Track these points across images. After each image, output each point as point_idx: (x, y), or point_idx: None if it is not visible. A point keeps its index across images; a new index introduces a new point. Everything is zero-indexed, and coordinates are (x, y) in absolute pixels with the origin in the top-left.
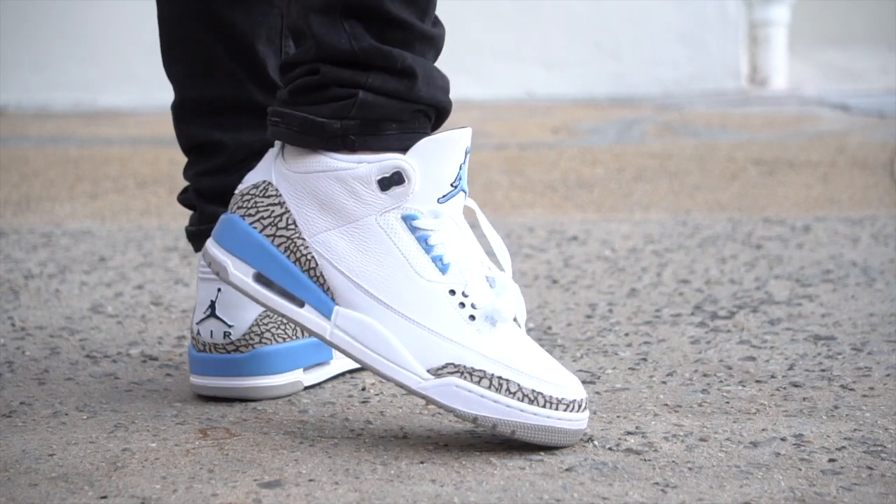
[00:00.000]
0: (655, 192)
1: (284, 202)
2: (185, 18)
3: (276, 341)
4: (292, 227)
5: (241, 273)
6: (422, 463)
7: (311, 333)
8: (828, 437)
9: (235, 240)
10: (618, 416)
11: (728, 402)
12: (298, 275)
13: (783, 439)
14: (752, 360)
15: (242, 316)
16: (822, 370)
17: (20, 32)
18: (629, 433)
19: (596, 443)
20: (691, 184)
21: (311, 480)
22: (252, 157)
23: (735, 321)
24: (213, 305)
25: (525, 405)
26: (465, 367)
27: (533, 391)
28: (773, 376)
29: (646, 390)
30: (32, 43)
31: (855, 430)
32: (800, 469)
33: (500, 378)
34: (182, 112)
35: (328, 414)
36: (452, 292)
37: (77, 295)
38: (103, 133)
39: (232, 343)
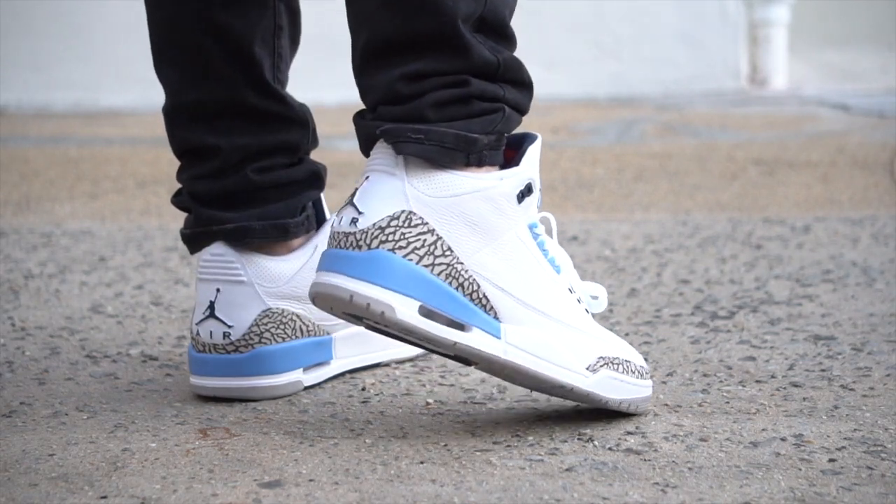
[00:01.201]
0: (655, 192)
1: (434, 229)
2: (178, 22)
3: (276, 341)
4: (449, 252)
5: (407, 309)
6: (422, 463)
7: (481, 357)
8: (828, 437)
9: (394, 276)
10: (618, 416)
11: (728, 402)
12: (462, 300)
13: (783, 439)
14: (752, 360)
15: (242, 316)
16: (822, 370)
17: (20, 32)
18: (629, 433)
19: (596, 443)
20: (691, 184)
21: (311, 480)
22: (247, 161)
23: (735, 321)
24: (212, 306)
25: (639, 380)
26: (608, 357)
27: (641, 367)
28: (773, 376)
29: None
30: (32, 43)
31: (855, 430)
32: (800, 469)
33: (626, 361)
34: (175, 116)
35: (328, 414)
36: (570, 290)
37: (77, 295)
38: (103, 133)
39: (231, 343)
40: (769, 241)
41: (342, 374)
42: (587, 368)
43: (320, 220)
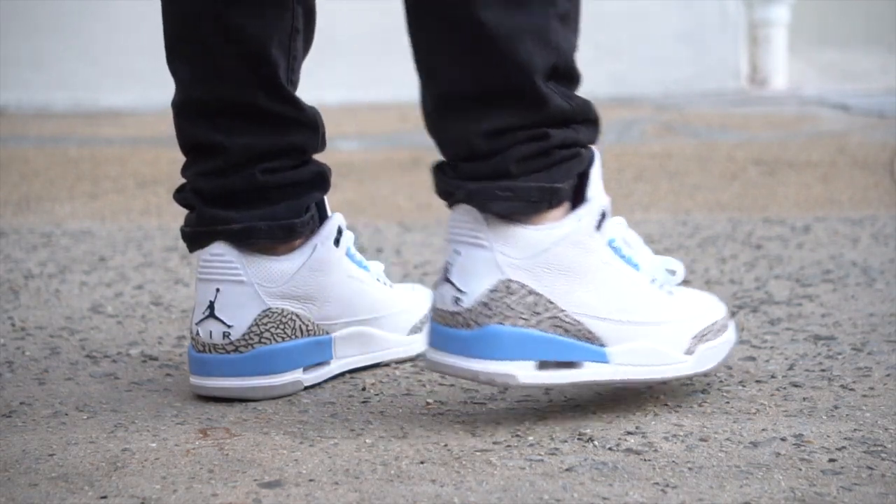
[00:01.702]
0: (655, 192)
1: (532, 289)
2: (191, 19)
3: (276, 341)
4: (550, 305)
5: (527, 372)
6: (422, 463)
7: (596, 384)
8: (828, 437)
9: (508, 347)
10: (618, 416)
11: (728, 402)
12: (570, 342)
13: (783, 439)
14: (752, 360)
15: (241, 316)
16: (822, 370)
17: (20, 32)
18: (629, 433)
19: (596, 443)
20: (691, 184)
21: (311, 480)
22: (254, 161)
23: (735, 321)
24: (211, 306)
25: (725, 335)
26: (699, 333)
27: (723, 319)
28: (773, 376)
29: (646, 390)
30: (32, 43)
31: (855, 430)
32: (800, 469)
33: (711, 324)
34: (183, 111)
35: (328, 414)
36: (653, 280)
37: (77, 295)
38: (103, 133)
39: (231, 343)
40: (769, 241)
41: (342, 374)
42: (685, 353)
43: (322, 220)
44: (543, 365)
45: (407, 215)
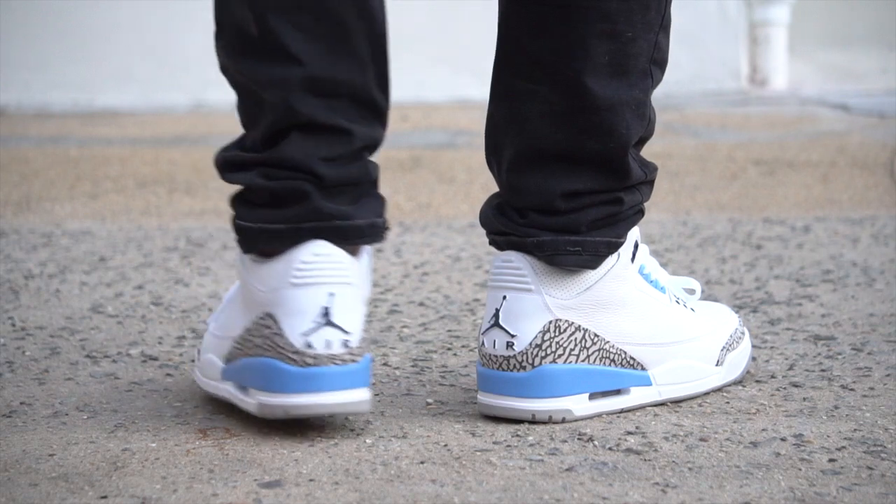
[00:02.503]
0: (655, 192)
1: (580, 325)
2: None
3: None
4: (596, 338)
5: (581, 405)
6: (422, 463)
7: (643, 406)
8: (828, 437)
9: (562, 383)
10: (618, 416)
11: (728, 402)
12: (616, 371)
13: (783, 439)
14: (752, 360)
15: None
16: (822, 370)
17: (20, 32)
18: (629, 433)
19: (596, 443)
20: (691, 184)
21: (311, 480)
22: (366, 151)
23: (747, 327)
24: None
25: (744, 339)
26: (725, 344)
27: (740, 327)
28: (773, 376)
29: None
30: (32, 43)
31: (855, 430)
32: (800, 469)
33: (732, 333)
34: (295, 86)
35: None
36: (677, 301)
37: (77, 295)
38: (103, 133)
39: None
40: (769, 241)
41: None
42: (716, 365)
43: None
44: (594, 395)
45: (407, 215)
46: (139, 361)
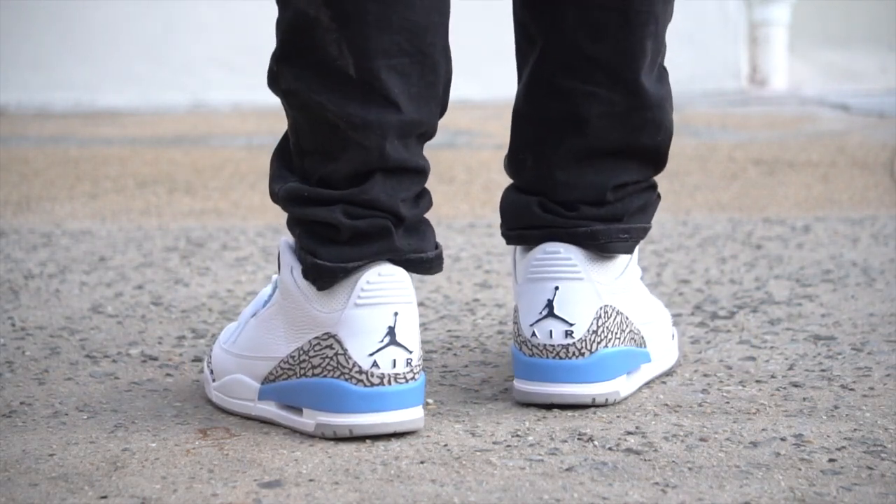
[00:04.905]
0: None
1: (619, 309)
2: (424, 32)
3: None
4: (627, 321)
5: (623, 385)
6: (422, 463)
7: (648, 381)
8: (828, 437)
9: (613, 366)
10: (618, 416)
11: (728, 402)
12: (639, 351)
13: (783, 439)
14: (752, 360)
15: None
16: (822, 370)
17: (20, 32)
18: (629, 433)
19: (596, 443)
20: (691, 184)
21: (311, 480)
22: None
23: (735, 321)
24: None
25: (674, 327)
26: (671, 324)
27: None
28: (773, 376)
29: (646, 390)
30: (32, 43)
31: (855, 430)
32: (800, 469)
33: (670, 318)
34: (394, 133)
35: None
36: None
37: (77, 295)
38: (103, 133)
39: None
40: (769, 241)
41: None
42: (672, 339)
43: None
44: (628, 373)
45: None
46: (139, 361)
